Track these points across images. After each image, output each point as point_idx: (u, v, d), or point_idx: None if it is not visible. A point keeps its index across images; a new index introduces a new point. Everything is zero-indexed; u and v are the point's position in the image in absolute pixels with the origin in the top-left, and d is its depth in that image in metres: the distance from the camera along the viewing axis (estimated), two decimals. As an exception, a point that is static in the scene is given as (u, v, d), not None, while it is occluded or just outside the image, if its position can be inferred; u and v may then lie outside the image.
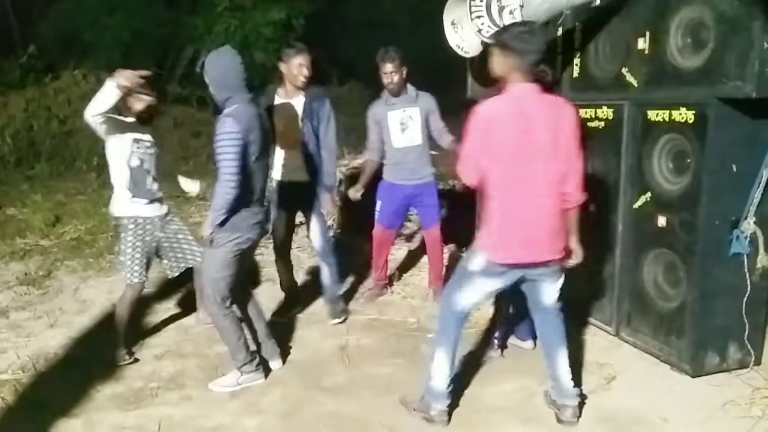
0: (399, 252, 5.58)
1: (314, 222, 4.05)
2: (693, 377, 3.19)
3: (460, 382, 3.19)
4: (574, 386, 2.90)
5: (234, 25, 11.03)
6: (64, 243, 5.96)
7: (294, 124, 3.90)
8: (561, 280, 2.86)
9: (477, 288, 2.76)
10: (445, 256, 4.80)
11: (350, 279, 4.93)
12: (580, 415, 2.89)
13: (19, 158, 8.80)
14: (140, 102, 3.48)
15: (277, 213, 4.05)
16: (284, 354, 3.67)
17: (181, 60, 11.71)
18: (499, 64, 2.66)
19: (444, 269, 4.55)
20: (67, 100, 9.14)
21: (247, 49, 10.90)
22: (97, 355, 3.64)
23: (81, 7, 11.63)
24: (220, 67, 3.05)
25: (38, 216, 6.46)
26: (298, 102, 3.90)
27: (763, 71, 2.70)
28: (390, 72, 4.05)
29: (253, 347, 3.38)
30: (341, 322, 4.12)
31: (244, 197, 3.04)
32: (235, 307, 3.29)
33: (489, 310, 4.09)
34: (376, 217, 4.38)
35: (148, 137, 3.56)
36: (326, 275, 4.13)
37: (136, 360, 3.62)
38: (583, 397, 2.97)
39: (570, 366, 2.90)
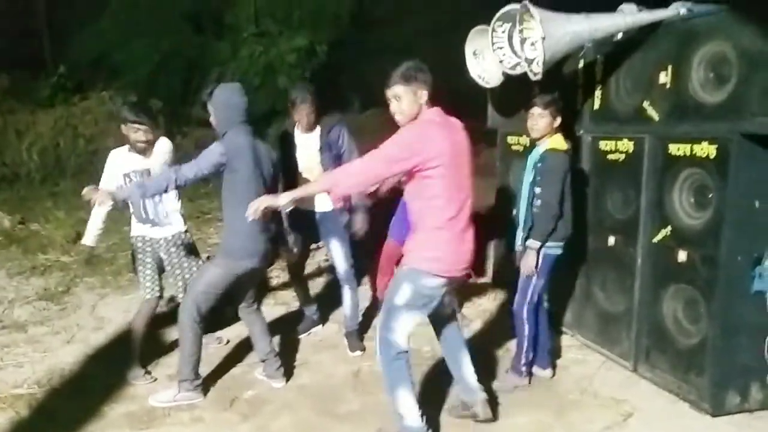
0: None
1: (336, 246, 4.05)
2: (713, 416, 3.11)
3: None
4: (480, 384, 3.08)
5: (259, 51, 11.22)
6: (84, 260, 6.02)
7: (312, 156, 3.94)
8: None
9: (410, 318, 2.79)
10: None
11: (364, 303, 4.91)
12: (494, 411, 3.08)
13: (44, 175, 8.99)
14: (135, 132, 3.54)
15: (293, 238, 4.07)
16: (296, 378, 3.66)
17: (206, 83, 11.91)
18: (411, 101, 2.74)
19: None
20: (94, 119, 9.35)
21: (272, 74, 11.07)
22: (112, 372, 3.66)
23: (112, 29, 11.93)
24: (224, 102, 3.22)
25: (60, 232, 6.56)
26: (315, 134, 3.94)
27: (787, 107, 2.68)
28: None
29: (199, 371, 3.39)
30: (360, 354, 4.06)
31: (240, 224, 3.04)
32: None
33: (503, 341, 4.06)
34: (389, 232, 4.37)
35: (142, 167, 3.60)
36: (348, 301, 4.10)
37: (154, 379, 3.63)
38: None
39: (583, 399, 2.86)
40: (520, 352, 3.47)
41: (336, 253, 4.07)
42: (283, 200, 2.82)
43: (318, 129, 3.94)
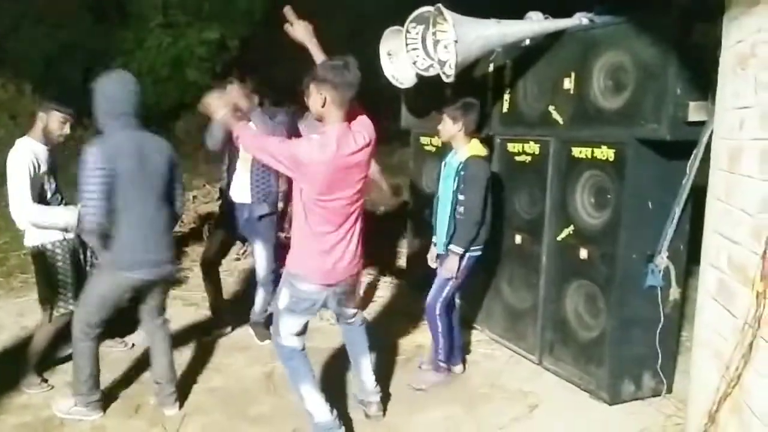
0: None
1: (260, 249, 3.98)
2: (610, 405, 3.30)
3: (388, 410, 3.20)
4: (376, 386, 3.19)
5: (167, 42, 10.81)
6: (-29, 261, 5.58)
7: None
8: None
9: (288, 323, 2.86)
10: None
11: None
12: (384, 410, 3.20)
13: (-75, 169, 8.23)
14: (63, 124, 3.37)
15: (213, 230, 3.95)
16: (207, 381, 3.56)
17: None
18: (315, 100, 2.69)
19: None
20: (-19, 109, 8.67)
21: (180, 66, 10.70)
22: (3, 380, 3.40)
23: (4, 14, 11.11)
24: (102, 93, 2.89)
25: (-56, 231, 6.03)
26: (256, 115, 3.81)
27: (676, 115, 2.89)
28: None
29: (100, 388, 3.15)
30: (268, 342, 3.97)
31: (125, 232, 2.86)
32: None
33: (416, 338, 4.13)
34: None
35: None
36: (259, 299, 4.06)
37: (51, 387, 3.42)
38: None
39: (491, 392, 2.94)
40: (436, 347, 3.52)
41: (259, 256, 3.99)
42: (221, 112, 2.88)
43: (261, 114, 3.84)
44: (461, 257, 3.37)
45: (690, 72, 2.87)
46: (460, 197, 3.37)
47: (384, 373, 3.61)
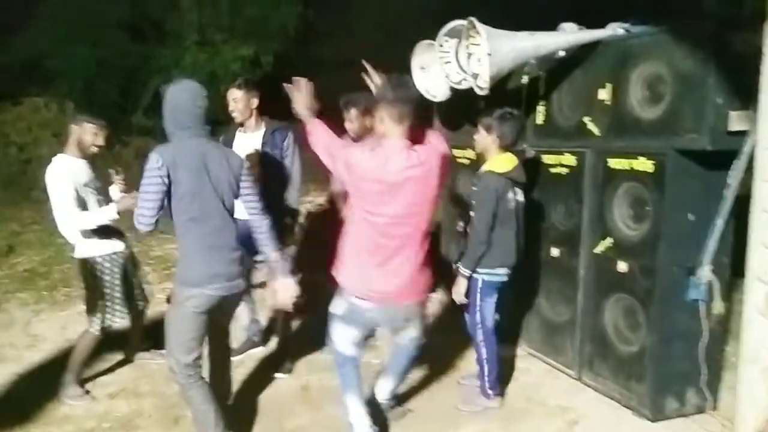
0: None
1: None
2: (653, 422, 3.22)
3: (422, 426, 3.18)
4: (392, 397, 3.22)
5: (202, 59, 11.04)
6: (17, 274, 5.75)
7: (253, 158, 3.84)
8: None
9: (341, 331, 2.92)
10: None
11: (315, 317, 4.86)
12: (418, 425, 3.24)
13: (-27, 186, 8.54)
14: (95, 135, 3.48)
15: None
16: (244, 394, 3.59)
17: (147, 91, 11.62)
18: (376, 120, 2.77)
19: None
20: (28, 127, 8.94)
21: (215, 83, 10.91)
22: (47, 392, 3.49)
23: (47, 34, 11.49)
24: (169, 102, 2.77)
25: (-10, 246, 6.24)
26: (258, 134, 3.86)
27: (717, 125, 2.83)
28: (352, 119, 3.89)
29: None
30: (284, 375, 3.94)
31: (193, 244, 2.73)
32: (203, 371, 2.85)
33: (456, 353, 4.09)
34: None
35: (94, 176, 3.54)
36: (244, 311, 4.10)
37: (93, 399, 3.48)
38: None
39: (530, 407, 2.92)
40: (482, 373, 3.38)
41: None
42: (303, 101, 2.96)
43: (263, 129, 3.87)
44: (470, 279, 3.24)
45: (730, 81, 2.82)
46: (471, 214, 3.28)
47: (421, 388, 3.59)
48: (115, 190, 3.65)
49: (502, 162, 3.29)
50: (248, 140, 3.88)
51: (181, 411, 3.36)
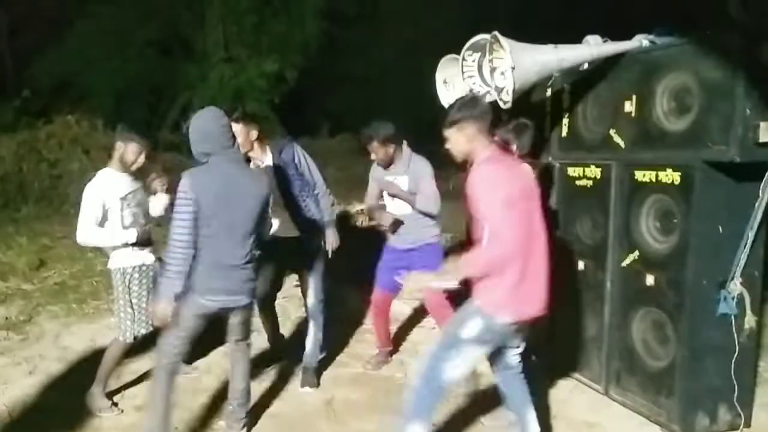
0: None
1: (309, 279, 3.96)
2: (683, 438, 3.16)
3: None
4: None
5: (228, 76, 11.23)
6: (48, 287, 5.86)
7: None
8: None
9: (470, 356, 2.66)
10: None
11: (339, 330, 4.88)
12: None
13: (6, 201, 8.73)
14: (139, 152, 3.54)
15: (261, 266, 3.97)
16: (268, 407, 3.60)
17: (174, 107, 11.84)
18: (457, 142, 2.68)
19: None
20: (59, 144, 9.14)
21: (241, 98, 11.07)
22: (76, 404, 3.54)
23: (76, 53, 11.79)
24: (197, 129, 2.95)
25: (22, 259, 6.36)
26: (266, 158, 3.85)
27: (745, 136, 2.79)
28: (375, 150, 3.95)
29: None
30: (310, 389, 3.93)
31: (202, 258, 2.92)
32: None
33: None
34: (376, 281, 4.20)
35: (134, 187, 3.59)
36: (311, 337, 4.01)
37: (121, 411, 3.52)
38: None
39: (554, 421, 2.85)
40: None
41: (309, 286, 3.98)
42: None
43: (268, 152, 3.87)
44: None
45: (759, 91, 2.78)
46: None
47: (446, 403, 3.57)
48: (155, 202, 3.73)
49: None
50: (259, 169, 3.84)
51: (207, 424, 3.39)
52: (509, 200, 2.49)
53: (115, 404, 3.56)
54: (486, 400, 3.52)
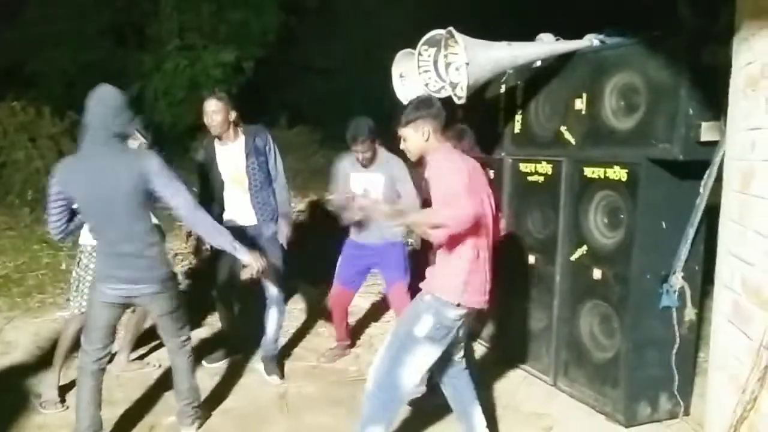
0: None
1: (272, 267, 3.93)
2: (626, 427, 3.26)
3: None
4: None
5: (183, 65, 10.99)
6: (-10, 281, 5.66)
7: (239, 165, 3.85)
8: None
9: (424, 357, 2.63)
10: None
11: (294, 324, 4.86)
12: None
13: (-54, 189, 8.38)
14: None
15: (221, 255, 3.94)
16: (221, 402, 3.57)
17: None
18: (416, 139, 2.69)
19: None
20: (3, 131, 8.80)
21: (196, 88, 10.86)
22: (19, 401, 3.44)
23: (24, 39, 11.36)
24: (89, 108, 2.81)
25: (-36, 251, 6.13)
26: (239, 142, 3.85)
27: (688, 135, 2.89)
28: (363, 149, 3.83)
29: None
30: (276, 378, 3.93)
31: (98, 248, 2.97)
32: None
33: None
34: (336, 275, 4.16)
35: None
36: (272, 324, 3.96)
37: (67, 407, 3.43)
38: None
39: (505, 414, 2.90)
40: None
41: (270, 273, 3.96)
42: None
43: (242, 137, 3.86)
44: None
45: (702, 92, 2.87)
46: None
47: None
48: None
49: None
50: (231, 152, 3.87)
51: (156, 419, 3.34)
52: (467, 187, 2.53)
53: (63, 400, 3.47)
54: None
